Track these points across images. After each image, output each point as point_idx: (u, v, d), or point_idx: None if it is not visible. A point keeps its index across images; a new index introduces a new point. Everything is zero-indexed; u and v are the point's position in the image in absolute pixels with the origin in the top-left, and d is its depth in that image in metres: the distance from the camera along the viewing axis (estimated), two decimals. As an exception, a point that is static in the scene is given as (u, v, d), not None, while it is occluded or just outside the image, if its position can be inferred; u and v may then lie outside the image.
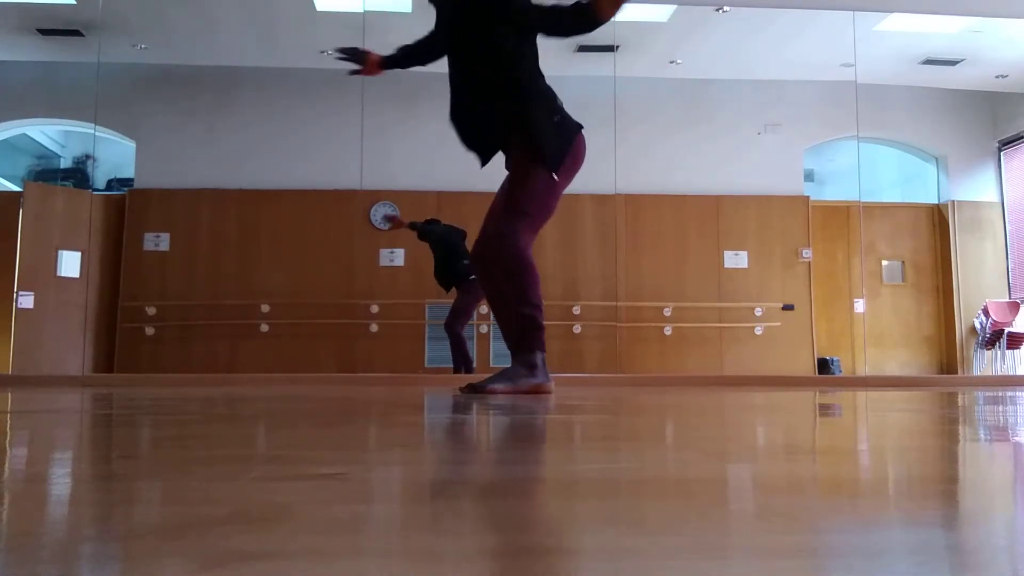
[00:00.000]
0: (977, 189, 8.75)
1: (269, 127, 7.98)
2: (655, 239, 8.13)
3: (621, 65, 7.73)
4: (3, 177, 8.73)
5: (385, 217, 7.54)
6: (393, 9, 7.02)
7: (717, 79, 8.31)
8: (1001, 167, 8.77)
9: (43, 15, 7.18)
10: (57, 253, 7.57)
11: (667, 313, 8.01)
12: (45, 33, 7.45)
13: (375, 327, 7.73)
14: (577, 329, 7.85)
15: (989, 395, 2.98)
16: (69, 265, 7.60)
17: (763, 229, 8.24)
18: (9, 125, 8.28)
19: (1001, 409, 1.99)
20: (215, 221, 7.85)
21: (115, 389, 3.58)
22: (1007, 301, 8.51)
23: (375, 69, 3.23)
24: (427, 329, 7.69)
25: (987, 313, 8.40)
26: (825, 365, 8.19)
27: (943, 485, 0.74)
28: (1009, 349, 8.31)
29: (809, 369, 8.00)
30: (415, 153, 7.72)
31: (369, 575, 0.41)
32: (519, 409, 1.90)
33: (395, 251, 7.85)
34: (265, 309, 7.67)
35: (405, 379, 5.33)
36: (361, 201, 7.85)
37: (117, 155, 8.47)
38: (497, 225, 2.89)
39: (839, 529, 0.53)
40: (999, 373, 8.08)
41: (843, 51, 7.64)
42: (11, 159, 8.87)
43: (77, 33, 7.45)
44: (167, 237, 7.83)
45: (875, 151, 9.01)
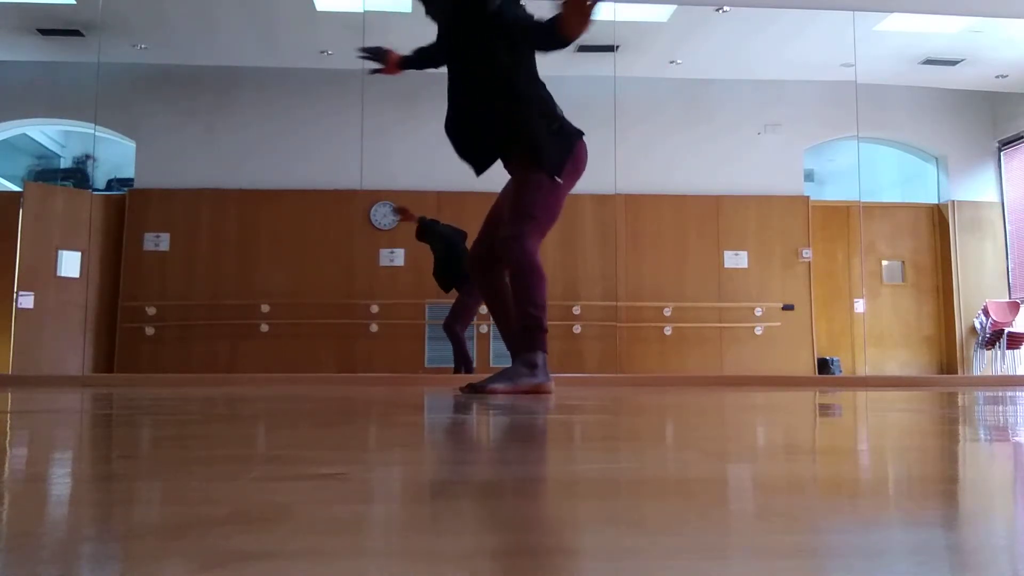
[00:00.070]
0: (977, 189, 8.75)
1: (269, 127, 7.98)
2: (655, 239, 8.13)
3: (621, 65, 7.73)
4: (3, 177, 8.72)
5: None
6: (393, 9, 7.02)
7: (717, 79, 8.31)
8: (1001, 167, 8.77)
9: (43, 15, 7.18)
10: (57, 253, 7.57)
11: (667, 313, 8.00)
12: (45, 33, 7.45)
13: (375, 327, 7.73)
14: (577, 329, 7.85)
15: (989, 395, 2.98)
16: (69, 265, 7.60)
17: (763, 229, 8.23)
18: (9, 125, 8.28)
19: (1001, 409, 1.99)
20: (215, 221, 7.85)
21: (115, 389, 3.58)
22: (1007, 301, 8.50)
23: (395, 69, 3.26)
24: (427, 329, 7.69)
25: (987, 313, 8.40)
26: (825, 365, 8.19)
27: (943, 485, 0.75)
28: (1009, 349, 8.30)
29: (809, 369, 8.00)
30: (415, 153, 7.71)
31: (369, 575, 0.41)
32: (519, 409, 1.90)
33: (395, 251, 7.85)
34: (265, 309, 7.67)
35: (405, 379, 5.33)
36: (361, 201, 7.85)
37: (117, 155, 8.47)
38: (506, 228, 2.91)
39: (839, 529, 0.53)
40: (999, 373, 8.08)
41: (843, 51, 7.64)
42: (11, 159, 8.86)
43: (77, 33, 7.45)
44: (167, 237, 7.83)
45: (875, 151, 9.01)
